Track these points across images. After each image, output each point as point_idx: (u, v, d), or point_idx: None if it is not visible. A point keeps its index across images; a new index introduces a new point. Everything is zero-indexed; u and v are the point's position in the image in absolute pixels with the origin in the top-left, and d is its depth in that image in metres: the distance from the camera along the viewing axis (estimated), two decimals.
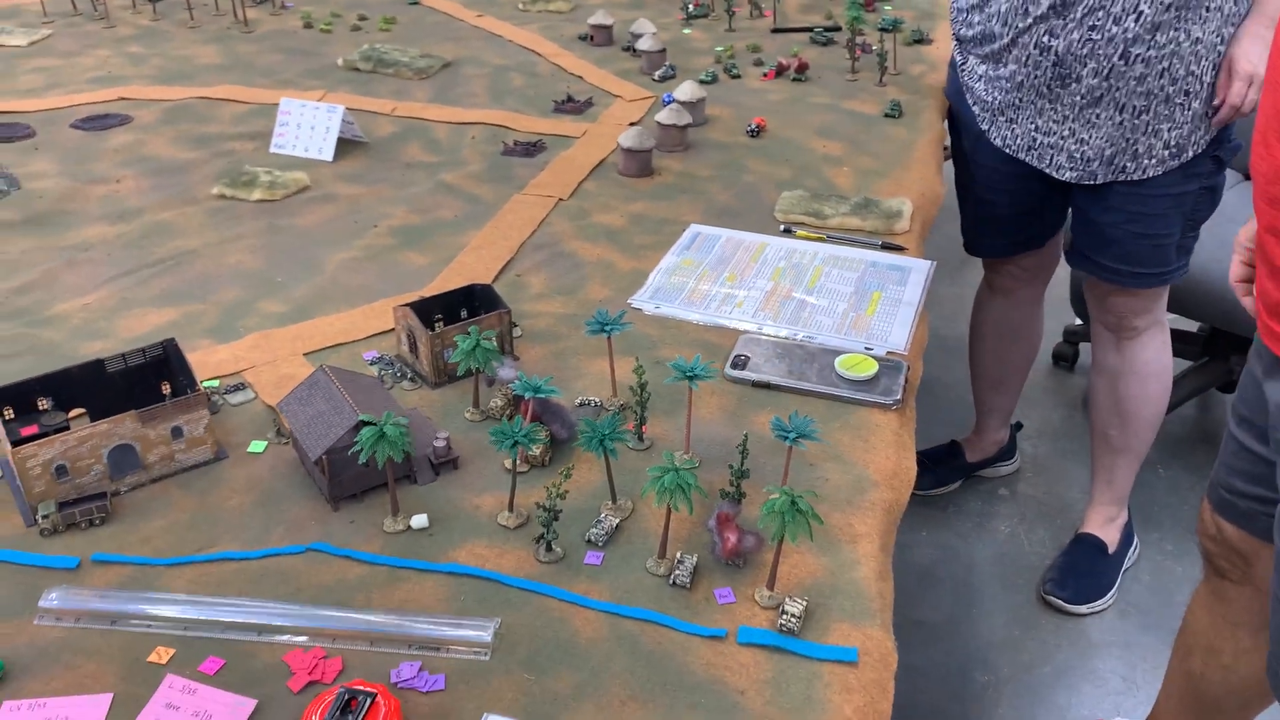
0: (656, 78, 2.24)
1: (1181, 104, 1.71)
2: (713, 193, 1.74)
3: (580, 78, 2.25)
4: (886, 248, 1.57)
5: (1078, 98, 1.75)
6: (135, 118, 1.99)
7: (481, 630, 0.91)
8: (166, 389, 1.13)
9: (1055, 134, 1.82)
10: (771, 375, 1.26)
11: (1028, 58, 1.75)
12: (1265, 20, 1.68)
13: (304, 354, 1.30)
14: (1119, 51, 1.67)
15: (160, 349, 1.15)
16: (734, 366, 1.27)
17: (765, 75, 2.27)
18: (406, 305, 1.26)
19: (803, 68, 2.25)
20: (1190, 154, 1.76)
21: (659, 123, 1.88)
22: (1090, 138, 1.78)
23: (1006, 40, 1.77)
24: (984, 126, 1.91)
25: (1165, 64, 1.68)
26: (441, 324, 1.26)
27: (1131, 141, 1.75)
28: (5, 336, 1.32)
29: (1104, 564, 2.19)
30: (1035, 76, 1.77)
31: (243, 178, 1.74)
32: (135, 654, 0.89)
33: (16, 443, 1.01)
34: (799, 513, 0.91)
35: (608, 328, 1.17)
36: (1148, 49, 1.66)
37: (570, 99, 2.12)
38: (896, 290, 1.46)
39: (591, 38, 2.46)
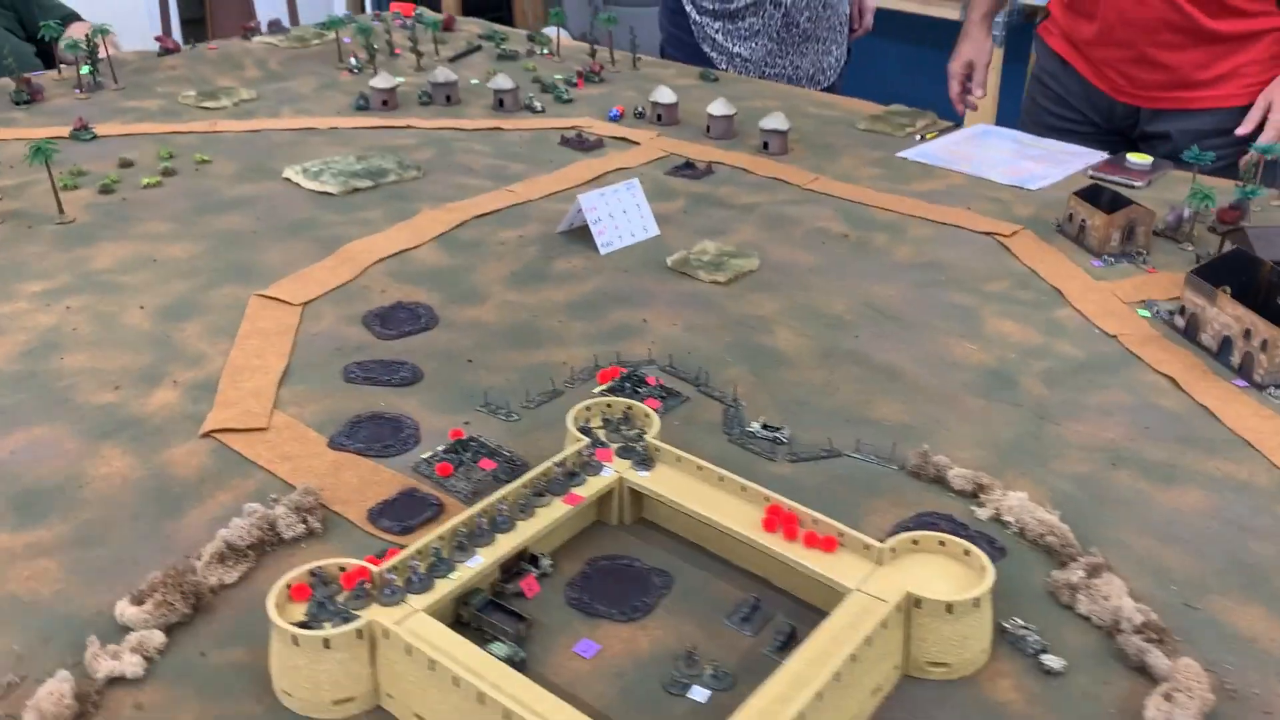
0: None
1: (841, 34, 2.68)
2: None
3: None
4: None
5: (796, 37, 2.60)
6: None
7: None
8: None
9: (778, 66, 2.65)
10: None
11: (764, 13, 2.54)
12: None
13: None
14: (823, 3, 2.57)
15: None
16: None
17: None
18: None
19: None
20: (841, 65, 2.76)
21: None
22: (801, 63, 2.67)
23: (745, 4, 2.51)
24: (723, 67, 2.63)
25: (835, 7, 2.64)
26: None
27: (821, 63, 2.67)
28: None
29: None
30: (769, 25, 2.57)
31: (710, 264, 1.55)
32: None
33: None
34: None
35: None
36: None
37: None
38: None
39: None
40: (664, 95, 2.22)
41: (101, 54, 2.43)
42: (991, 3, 2.37)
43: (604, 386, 1.22)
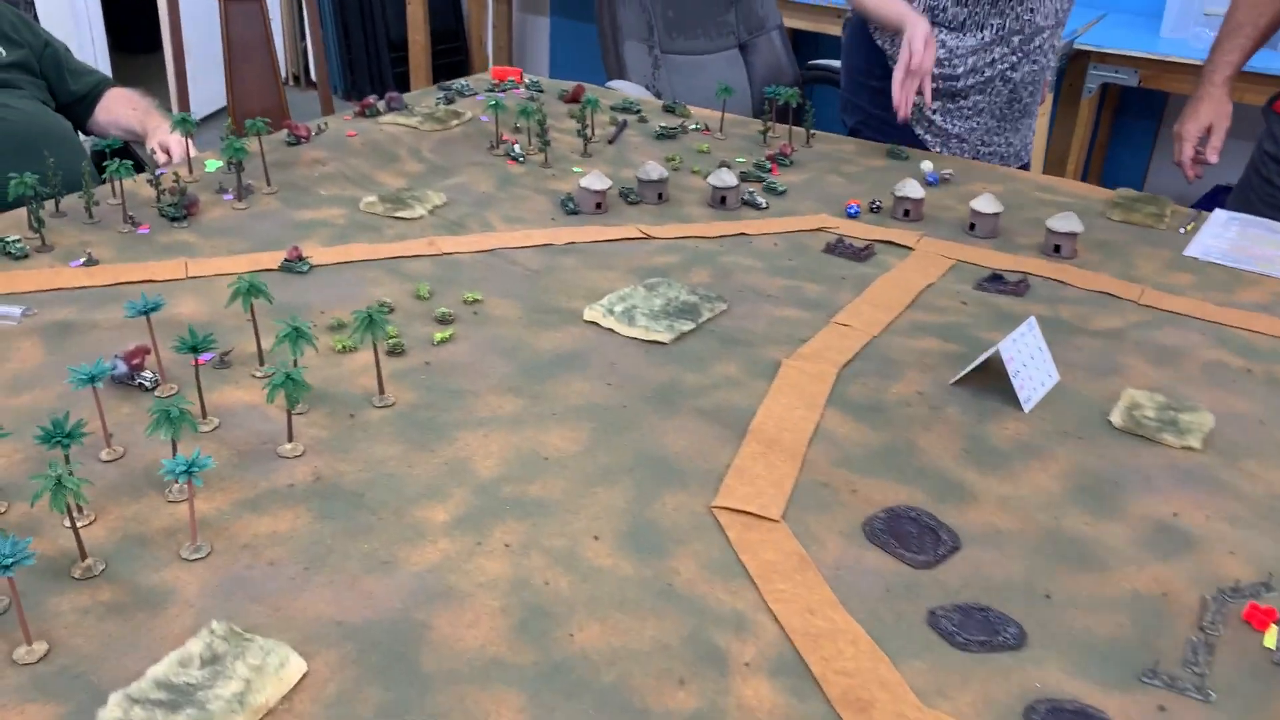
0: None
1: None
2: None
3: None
4: None
5: (1017, 113, 2.40)
6: None
7: None
8: None
9: (993, 144, 2.44)
10: None
11: (992, 90, 2.33)
12: None
13: None
14: (1037, 78, 2.36)
15: None
16: None
17: None
18: None
19: None
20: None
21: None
22: (1014, 140, 2.46)
23: (972, 82, 2.32)
24: (935, 149, 2.42)
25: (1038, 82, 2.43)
26: None
27: (1025, 139, 2.49)
28: None
29: None
30: (993, 103, 2.36)
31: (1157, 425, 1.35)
32: None
33: None
34: None
35: None
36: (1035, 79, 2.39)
37: None
38: None
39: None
40: (912, 190, 2.01)
41: (193, 152, 2.08)
42: (1236, 65, 2.23)
43: (1276, 637, 1.01)
